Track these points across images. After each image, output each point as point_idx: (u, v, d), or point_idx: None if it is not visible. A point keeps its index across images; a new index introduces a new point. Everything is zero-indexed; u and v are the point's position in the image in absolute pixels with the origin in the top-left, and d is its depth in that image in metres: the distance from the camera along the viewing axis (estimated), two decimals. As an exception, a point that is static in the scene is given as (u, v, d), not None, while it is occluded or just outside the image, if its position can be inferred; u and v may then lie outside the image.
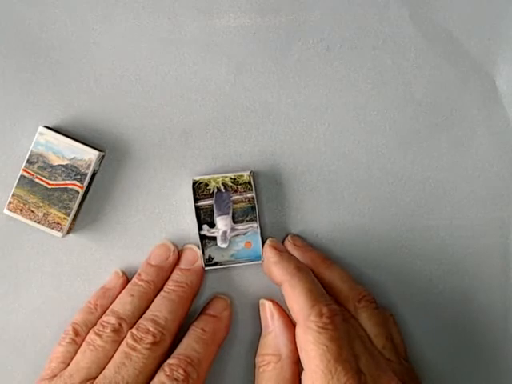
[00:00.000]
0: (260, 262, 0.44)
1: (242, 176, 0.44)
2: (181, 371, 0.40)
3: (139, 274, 0.44)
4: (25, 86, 0.44)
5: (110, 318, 0.42)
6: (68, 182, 0.43)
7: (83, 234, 0.45)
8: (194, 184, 0.44)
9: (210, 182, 0.44)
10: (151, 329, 0.41)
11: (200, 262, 0.44)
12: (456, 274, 0.45)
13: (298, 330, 0.40)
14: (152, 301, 0.43)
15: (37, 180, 0.43)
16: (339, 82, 0.45)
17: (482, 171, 0.46)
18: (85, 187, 0.43)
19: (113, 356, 0.41)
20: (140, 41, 0.45)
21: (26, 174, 0.43)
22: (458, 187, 0.46)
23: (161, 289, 0.44)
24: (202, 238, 0.44)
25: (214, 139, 0.45)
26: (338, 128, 0.45)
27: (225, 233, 0.44)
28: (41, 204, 0.43)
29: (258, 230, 0.44)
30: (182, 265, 0.44)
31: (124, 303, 0.42)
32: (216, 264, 0.44)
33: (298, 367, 0.41)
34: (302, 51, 0.45)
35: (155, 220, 0.45)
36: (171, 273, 0.44)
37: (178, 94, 0.45)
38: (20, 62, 0.44)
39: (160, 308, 0.42)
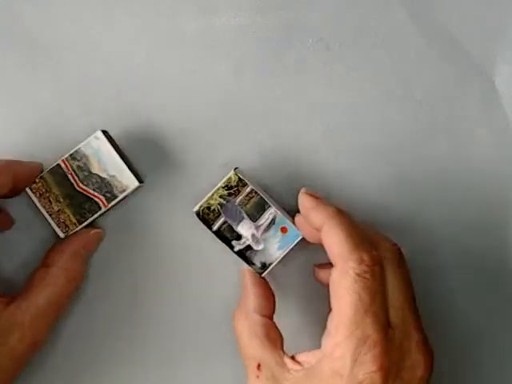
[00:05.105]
0: (301, 237, 0.42)
1: (230, 178, 0.42)
2: None
3: None
4: (24, 85, 0.44)
5: None
6: (96, 193, 0.42)
7: (83, 233, 0.45)
8: (198, 215, 0.42)
9: (209, 203, 0.42)
10: None
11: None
12: (456, 273, 0.45)
13: (334, 273, 0.38)
14: None
15: (69, 176, 0.42)
16: (339, 81, 0.45)
17: (482, 171, 0.46)
18: (109, 207, 0.42)
19: None
20: (140, 41, 0.45)
21: (62, 165, 0.42)
22: (457, 187, 0.46)
23: None
24: (240, 253, 0.42)
25: (214, 139, 0.45)
26: (338, 128, 0.45)
27: (253, 236, 0.43)
28: (61, 199, 0.42)
29: (279, 212, 0.42)
30: None
31: None
32: (270, 265, 0.42)
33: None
34: (302, 50, 0.45)
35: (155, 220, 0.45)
36: None
37: (177, 94, 0.45)
38: (20, 61, 0.45)
39: None
